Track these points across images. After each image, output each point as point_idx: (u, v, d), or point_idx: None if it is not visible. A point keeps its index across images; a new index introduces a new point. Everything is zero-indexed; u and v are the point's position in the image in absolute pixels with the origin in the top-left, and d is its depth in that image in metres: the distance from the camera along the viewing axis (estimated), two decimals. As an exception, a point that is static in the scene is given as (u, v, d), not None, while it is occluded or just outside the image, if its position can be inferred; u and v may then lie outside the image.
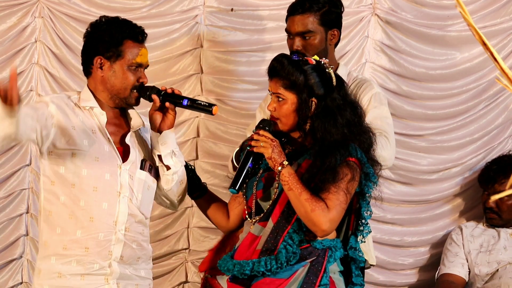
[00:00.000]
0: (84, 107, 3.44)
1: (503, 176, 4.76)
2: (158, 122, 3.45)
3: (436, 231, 4.99)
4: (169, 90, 3.46)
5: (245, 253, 3.28)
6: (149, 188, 3.49)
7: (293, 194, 3.20)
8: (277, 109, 3.32)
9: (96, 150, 3.38)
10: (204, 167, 4.88)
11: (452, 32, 4.92)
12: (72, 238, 3.34)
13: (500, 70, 2.01)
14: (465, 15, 2.00)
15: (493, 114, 4.98)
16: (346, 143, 3.26)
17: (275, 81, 3.32)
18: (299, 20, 3.99)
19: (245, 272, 3.23)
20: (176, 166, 3.49)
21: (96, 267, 3.36)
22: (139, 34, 3.48)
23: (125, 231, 3.39)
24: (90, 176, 3.35)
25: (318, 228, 3.19)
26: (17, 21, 4.74)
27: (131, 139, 3.49)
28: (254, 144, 3.27)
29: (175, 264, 4.92)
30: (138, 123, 3.51)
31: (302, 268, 3.21)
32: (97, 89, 3.46)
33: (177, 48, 4.80)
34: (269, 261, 3.19)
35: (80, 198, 3.35)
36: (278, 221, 3.26)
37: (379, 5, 4.86)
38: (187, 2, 4.82)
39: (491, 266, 4.68)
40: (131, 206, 3.41)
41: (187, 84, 4.83)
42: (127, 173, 3.41)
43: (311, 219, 3.18)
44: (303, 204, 3.18)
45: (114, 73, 3.43)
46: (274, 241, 3.23)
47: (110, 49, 3.42)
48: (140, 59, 3.45)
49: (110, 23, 3.46)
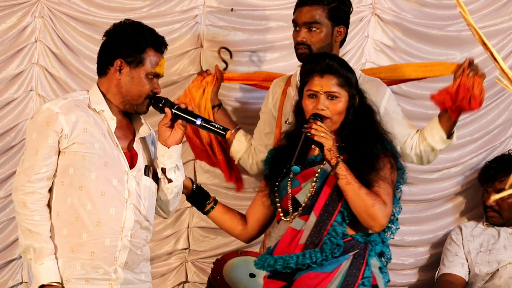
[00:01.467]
0: (94, 109, 3.42)
1: (503, 174, 4.76)
2: (167, 136, 3.44)
3: (436, 231, 4.99)
4: (183, 105, 3.44)
5: (287, 248, 3.28)
6: (153, 195, 3.49)
7: (352, 188, 3.22)
8: (330, 107, 3.32)
9: (106, 154, 3.36)
10: (204, 166, 4.87)
11: (452, 32, 4.91)
12: (78, 241, 3.32)
13: (500, 70, 2.01)
14: (465, 15, 2.00)
15: (494, 114, 4.98)
16: (382, 139, 3.33)
17: (329, 79, 3.33)
18: (308, 11, 3.99)
19: (290, 265, 3.23)
20: (178, 181, 3.51)
21: (100, 272, 3.34)
22: (162, 44, 3.48)
23: (130, 237, 3.38)
24: (98, 180, 3.33)
25: (377, 223, 3.24)
26: (17, 21, 4.73)
27: (137, 145, 3.48)
28: (315, 133, 3.26)
29: (175, 264, 4.92)
30: (146, 131, 3.51)
31: (346, 261, 3.23)
32: (109, 91, 3.44)
33: (177, 48, 4.80)
34: (314, 253, 3.20)
35: (88, 202, 3.32)
36: (321, 215, 3.27)
37: (379, 5, 4.86)
38: (187, 2, 4.81)
39: (491, 266, 4.68)
40: (137, 212, 3.39)
41: (187, 84, 4.82)
42: (134, 180, 3.40)
43: (371, 213, 3.22)
44: (363, 199, 3.22)
45: (132, 79, 3.41)
46: (318, 234, 3.24)
47: (132, 54, 3.40)
48: (159, 70, 3.45)
49: (135, 27, 3.44)
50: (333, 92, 3.32)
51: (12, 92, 4.73)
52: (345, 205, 3.28)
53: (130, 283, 3.42)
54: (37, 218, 3.29)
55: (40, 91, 4.74)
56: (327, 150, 3.25)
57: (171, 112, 3.41)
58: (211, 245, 4.91)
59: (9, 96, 4.72)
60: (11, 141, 4.74)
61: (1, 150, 4.74)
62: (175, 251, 4.91)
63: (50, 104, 3.37)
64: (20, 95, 4.74)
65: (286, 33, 4.69)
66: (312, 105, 3.35)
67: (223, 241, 4.87)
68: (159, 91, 3.47)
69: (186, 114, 3.42)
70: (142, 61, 3.41)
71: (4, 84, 4.72)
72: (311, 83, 3.35)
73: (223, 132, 3.41)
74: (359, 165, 3.27)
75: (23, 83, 4.74)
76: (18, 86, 4.74)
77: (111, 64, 3.42)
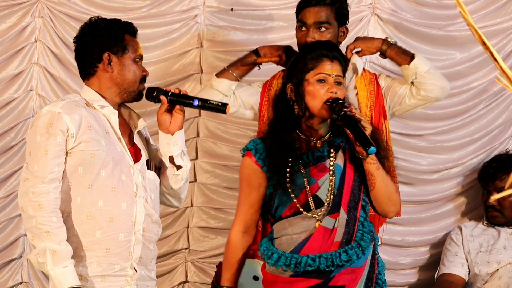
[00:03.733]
0: (94, 107, 3.42)
1: (503, 173, 4.75)
2: (168, 123, 3.46)
3: (437, 231, 4.99)
4: (176, 90, 3.45)
5: (322, 247, 3.25)
6: (157, 188, 3.51)
7: (381, 174, 3.26)
8: (338, 92, 3.30)
9: (112, 150, 3.36)
10: (204, 167, 4.88)
11: (452, 32, 4.91)
12: (92, 239, 3.31)
13: (500, 70, 2.01)
14: (465, 15, 2.00)
15: (494, 114, 4.98)
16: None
17: (337, 64, 3.32)
18: (318, 11, 3.96)
19: (336, 263, 3.21)
20: (187, 166, 3.53)
21: (117, 268, 3.34)
22: (134, 28, 3.53)
23: (143, 231, 3.39)
24: (108, 176, 3.33)
25: (396, 208, 3.32)
26: (17, 21, 4.74)
27: (137, 139, 3.50)
28: (359, 116, 3.22)
29: (175, 264, 4.92)
30: (142, 123, 3.52)
31: (369, 254, 3.29)
32: (103, 87, 3.45)
33: (177, 48, 4.80)
34: (353, 250, 3.23)
35: (99, 199, 3.32)
36: (349, 211, 3.27)
37: (379, 5, 4.86)
38: (187, 2, 4.82)
39: (491, 266, 4.68)
40: (147, 206, 3.41)
41: (187, 84, 4.83)
42: (139, 174, 3.42)
43: (394, 199, 3.28)
44: (389, 184, 3.27)
45: (123, 66, 3.44)
46: (351, 230, 3.26)
47: (116, 44, 3.44)
48: (140, 52, 3.51)
49: (107, 21, 3.49)
50: (340, 78, 3.32)
51: (12, 92, 4.74)
52: (364, 199, 3.32)
53: (143, 279, 3.43)
54: (54, 219, 3.24)
55: (40, 91, 4.75)
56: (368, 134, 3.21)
57: (166, 99, 3.43)
58: (211, 245, 4.91)
59: (9, 96, 4.73)
60: (11, 141, 4.74)
61: (1, 150, 4.74)
62: (175, 251, 4.91)
63: (49, 107, 3.36)
64: (20, 95, 4.75)
65: (286, 33, 4.69)
66: (324, 89, 3.29)
67: (223, 241, 4.87)
68: (147, 73, 3.51)
69: (182, 98, 3.43)
70: (126, 48, 3.45)
71: (4, 84, 4.73)
72: (321, 67, 3.30)
73: (222, 107, 3.40)
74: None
75: (23, 83, 4.75)
76: (18, 86, 4.74)
77: (99, 61, 3.44)
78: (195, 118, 4.86)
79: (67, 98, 3.44)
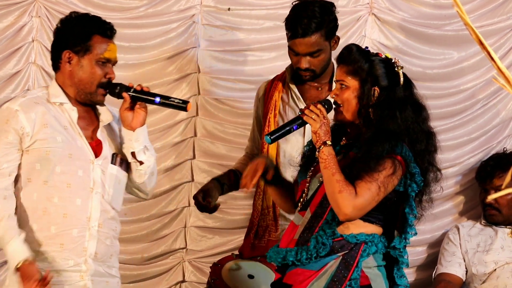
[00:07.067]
0: (54, 103, 3.45)
1: (501, 171, 4.74)
2: (130, 119, 3.47)
3: (434, 231, 4.98)
4: (138, 87, 3.46)
5: (286, 242, 3.29)
6: (120, 182, 3.52)
7: (327, 173, 3.19)
8: (339, 95, 3.31)
9: (69, 146, 3.40)
10: (201, 166, 4.87)
11: (449, 31, 4.91)
12: (47, 234, 3.37)
13: (497, 69, 2.01)
14: (462, 15, 2.00)
15: (491, 113, 4.97)
16: (396, 139, 3.25)
17: (340, 68, 3.33)
18: (308, 42, 3.94)
19: (278, 260, 3.25)
20: (149, 161, 3.54)
21: (71, 263, 3.39)
22: (108, 29, 3.50)
23: (98, 227, 3.42)
24: (63, 172, 3.38)
25: (341, 211, 3.17)
26: (14, 21, 4.73)
27: (102, 134, 3.51)
28: (307, 114, 3.27)
29: (172, 264, 4.91)
30: (108, 117, 3.54)
31: (333, 261, 3.20)
32: (65, 84, 3.48)
33: (174, 48, 4.80)
34: (300, 251, 3.20)
35: (54, 195, 3.38)
36: (315, 211, 3.26)
37: (376, 4, 4.85)
38: (184, 1, 4.81)
39: (489, 266, 4.68)
40: (103, 202, 3.44)
41: (184, 84, 4.82)
42: (99, 169, 3.45)
43: (336, 200, 3.17)
44: (333, 184, 3.17)
45: (82, 67, 3.44)
46: (309, 232, 3.23)
47: (78, 43, 3.44)
48: (109, 54, 3.47)
49: (79, 18, 3.50)
50: (342, 81, 3.32)
51: (9, 91, 4.73)
52: None
53: (101, 275, 3.46)
54: None
55: (37, 91, 4.74)
56: (313, 133, 3.25)
57: (129, 96, 3.44)
58: (208, 245, 4.91)
59: (6, 95, 4.72)
60: (8, 140, 4.74)
61: None
62: (172, 250, 4.90)
63: (9, 103, 3.43)
64: (17, 95, 4.74)
65: (283, 32, 4.68)
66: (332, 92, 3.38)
67: (220, 240, 4.87)
68: (113, 77, 3.48)
69: (144, 95, 3.45)
70: (89, 49, 3.44)
71: (1, 84, 4.73)
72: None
73: (183, 105, 3.42)
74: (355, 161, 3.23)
75: (20, 83, 4.74)
76: (15, 86, 4.74)
77: (60, 57, 3.46)
78: (193, 117, 4.85)
79: (28, 94, 3.49)
